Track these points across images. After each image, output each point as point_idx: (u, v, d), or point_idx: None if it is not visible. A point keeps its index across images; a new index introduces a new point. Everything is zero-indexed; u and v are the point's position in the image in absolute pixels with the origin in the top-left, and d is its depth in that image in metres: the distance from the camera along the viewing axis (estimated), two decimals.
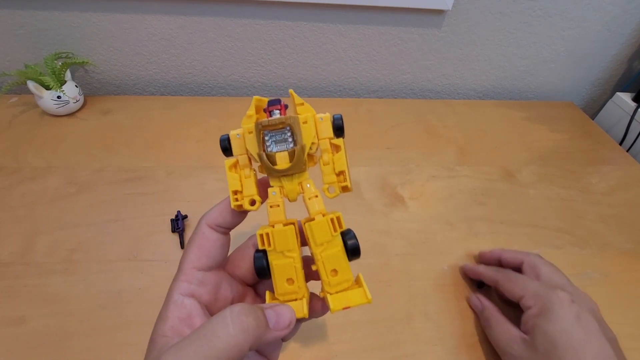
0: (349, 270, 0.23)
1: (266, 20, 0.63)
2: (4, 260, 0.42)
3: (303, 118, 0.23)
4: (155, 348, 0.20)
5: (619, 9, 0.65)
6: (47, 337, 0.36)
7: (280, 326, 0.20)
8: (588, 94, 0.80)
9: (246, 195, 0.23)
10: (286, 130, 0.22)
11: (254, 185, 0.23)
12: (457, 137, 0.64)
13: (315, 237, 0.22)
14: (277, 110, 0.23)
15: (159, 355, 0.19)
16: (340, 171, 0.23)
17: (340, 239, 0.23)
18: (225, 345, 0.18)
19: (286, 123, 0.22)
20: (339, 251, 0.22)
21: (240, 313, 0.19)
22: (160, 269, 0.42)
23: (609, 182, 0.58)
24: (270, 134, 0.22)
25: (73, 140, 0.58)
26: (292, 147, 0.22)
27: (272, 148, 0.22)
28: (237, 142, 0.23)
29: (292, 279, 0.22)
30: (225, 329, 0.18)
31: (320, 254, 0.22)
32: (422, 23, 0.65)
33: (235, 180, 0.23)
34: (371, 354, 0.37)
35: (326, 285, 0.22)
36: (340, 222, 0.23)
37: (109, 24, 0.62)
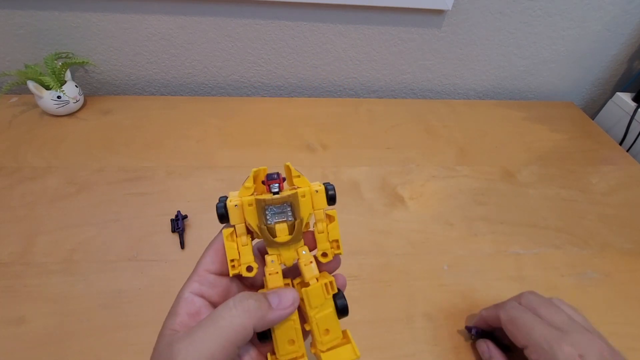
0: (339, 329, 0.25)
1: (266, 20, 0.63)
2: (4, 260, 0.42)
3: (302, 192, 0.24)
4: (164, 340, 0.21)
5: (619, 9, 0.65)
6: (47, 337, 0.36)
7: (283, 305, 0.22)
8: (588, 94, 0.80)
9: (243, 263, 0.24)
10: (286, 205, 0.24)
11: (250, 252, 0.24)
12: (457, 137, 0.64)
13: (311, 301, 0.24)
14: (276, 185, 0.24)
15: (170, 344, 0.20)
16: (334, 240, 0.25)
17: (332, 301, 0.24)
18: (229, 323, 0.20)
19: (288, 200, 0.24)
20: (331, 312, 0.24)
21: (242, 297, 0.21)
22: (160, 269, 0.42)
23: (609, 182, 0.58)
24: (270, 208, 0.24)
25: (73, 140, 0.58)
26: (292, 220, 0.24)
27: (272, 220, 0.24)
28: (235, 211, 0.24)
29: (293, 339, 0.24)
30: (228, 311, 0.21)
31: (315, 316, 0.24)
32: (422, 23, 0.65)
33: (233, 250, 0.24)
34: (371, 354, 0.37)
35: (319, 344, 0.24)
36: (333, 286, 0.24)
37: (109, 24, 0.62)
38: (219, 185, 0.52)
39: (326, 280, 0.24)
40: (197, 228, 0.47)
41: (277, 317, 0.22)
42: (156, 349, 0.21)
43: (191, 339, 0.20)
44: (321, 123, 0.64)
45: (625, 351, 0.35)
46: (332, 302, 0.24)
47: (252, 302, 0.21)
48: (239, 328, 0.20)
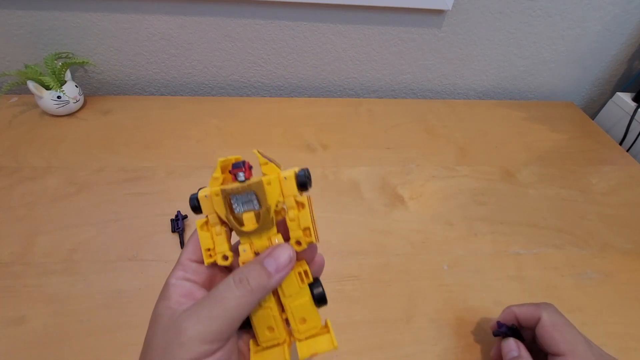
0: (317, 318, 0.24)
1: (266, 20, 0.63)
2: (4, 260, 0.42)
3: (267, 180, 0.23)
4: (162, 320, 0.21)
5: (619, 9, 0.65)
6: (47, 337, 0.36)
7: (281, 267, 0.22)
8: (588, 94, 0.80)
9: (218, 252, 0.24)
10: (251, 194, 0.23)
11: (225, 241, 0.24)
12: (457, 137, 0.64)
13: (284, 289, 0.24)
14: (241, 173, 0.23)
15: (176, 321, 0.21)
16: (305, 227, 0.24)
17: (308, 289, 0.24)
18: (235, 304, 0.21)
19: (250, 189, 0.23)
20: (307, 301, 0.24)
21: (241, 275, 0.22)
22: (160, 269, 0.42)
23: (609, 182, 0.58)
24: (236, 197, 0.23)
25: (73, 140, 0.58)
26: (258, 208, 0.23)
27: (239, 209, 0.23)
28: (205, 202, 0.24)
29: (272, 326, 0.24)
30: (231, 292, 0.21)
31: (290, 304, 0.24)
32: (422, 23, 0.65)
33: (207, 239, 0.24)
34: (371, 354, 0.37)
35: (295, 333, 0.24)
36: (307, 274, 0.24)
37: (109, 24, 0.62)
38: None
39: (300, 268, 0.24)
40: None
41: (278, 281, 0.23)
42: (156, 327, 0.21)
43: (198, 318, 0.20)
44: (321, 123, 0.64)
45: (625, 351, 0.35)
46: (307, 291, 0.24)
47: (253, 279, 0.22)
48: (244, 305, 0.21)
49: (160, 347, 0.21)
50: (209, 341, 0.20)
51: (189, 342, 0.20)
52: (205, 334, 0.20)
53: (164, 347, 0.20)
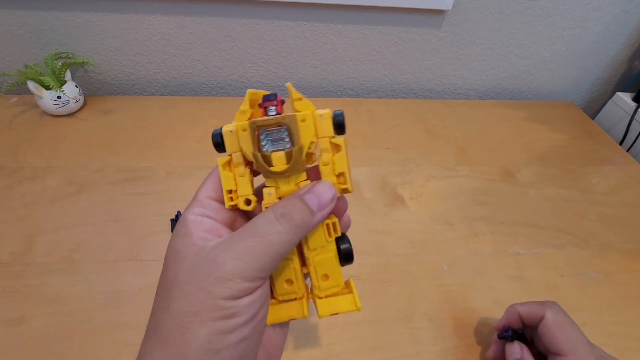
0: (340, 276, 0.22)
1: (266, 20, 0.63)
2: (4, 260, 0.42)
3: (301, 116, 0.21)
4: (187, 256, 0.19)
5: (619, 9, 0.65)
6: (47, 337, 0.36)
7: (323, 205, 0.21)
8: (588, 94, 0.80)
9: (241, 195, 0.22)
10: (283, 130, 0.21)
11: (249, 184, 0.22)
12: (457, 137, 0.64)
13: (309, 241, 0.22)
14: (273, 107, 0.21)
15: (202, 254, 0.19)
16: (340, 172, 0.22)
17: (334, 244, 0.22)
18: (278, 240, 0.19)
19: (283, 123, 0.21)
20: (332, 257, 0.22)
21: (282, 209, 0.20)
22: (160, 269, 0.42)
23: (609, 182, 0.58)
24: (265, 133, 0.21)
25: (73, 140, 0.58)
26: (290, 147, 0.21)
27: (268, 147, 0.21)
28: (230, 138, 0.22)
29: (291, 279, 0.22)
30: (274, 227, 0.19)
31: (313, 258, 0.22)
32: (422, 23, 0.65)
33: (229, 179, 0.22)
34: (371, 354, 0.37)
35: (316, 289, 0.22)
36: (335, 228, 0.22)
37: (109, 24, 0.62)
38: None
39: (329, 220, 0.22)
40: None
41: (321, 219, 0.21)
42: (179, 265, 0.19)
43: (237, 252, 0.19)
44: None
45: (625, 351, 0.35)
46: (334, 246, 0.22)
47: (297, 214, 0.20)
48: (287, 242, 0.19)
49: (190, 284, 0.18)
50: (250, 278, 0.18)
51: (229, 277, 0.18)
52: (248, 271, 0.18)
53: (195, 284, 0.18)
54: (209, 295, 0.18)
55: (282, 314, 0.22)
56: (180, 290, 0.18)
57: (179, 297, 0.18)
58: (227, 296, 0.18)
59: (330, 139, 0.22)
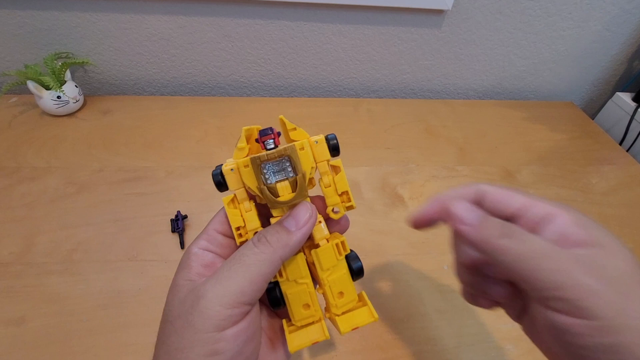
0: (354, 291, 0.23)
1: (266, 20, 0.63)
2: (4, 260, 0.42)
3: (300, 144, 0.22)
4: (181, 290, 0.20)
5: (619, 9, 0.65)
6: (47, 337, 0.36)
7: (300, 224, 0.21)
8: (588, 94, 0.80)
9: (250, 230, 0.22)
10: (284, 160, 0.22)
11: (256, 217, 0.23)
12: (457, 137, 0.64)
13: (322, 263, 0.23)
14: (270, 140, 0.22)
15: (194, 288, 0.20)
16: (343, 191, 0.23)
17: (345, 262, 0.23)
18: (255, 260, 0.20)
19: (285, 154, 0.22)
20: (345, 274, 0.23)
21: (259, 236, 0.21)
22: (160, 269, 0.42)
23: (609, 182, 0.57)
24: (268, 166, 0.22)
25: (73, 140, 0.58)
26: (293, 175, 0.22)
27: (272, 179, 0.22)
28: (232, 176, 0.22)
29: (308, 303, 0.23)
30: (251, 249, 0.20)
31: (327, 278, 0.23)
32: (422, 23, 0.65)
33: (236, 217, 0.22)
34: (371, 354, 0.37)
35: (333, 308, 0.23)
36: (344, 246, 0.23)
37: (109, 24, 0.62)
38: None
39: (337, 240, 0.23)
40: (197, 228, 0.47)
41: (300, 239, 0.21)
42: (174, 298, 0.20)
43: (217, 279, 0.19)
44: (321, 123, 0.64)
45: None
46: (344, 263, 0.23)
47: (272, 236, 0.21)
48: (265, 263, 0.20)
49: (180, 318, 0.19)
50: (230, 304, 0.19)
51: (209, 306, 0.18)
52: (225, 295, 0.19)
53: (183, 318, 0.19)
54: (193, 329, 0.18)
55: (303, 339, 0.23)
56: (172, 325, 0.19)
57: (170, 332, 0.19)
58: (209, 329, 0.18)
59: (328, 162, 0.23)
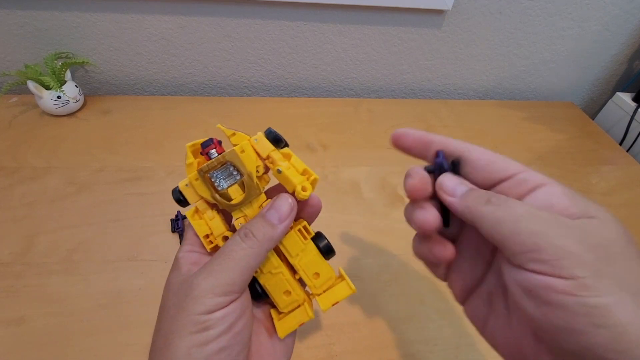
0: (329, 269, 0.24)
1: (266, 20, 0.63)
2: (4, 260, 0.42)
3: (239, 148, 0.23)
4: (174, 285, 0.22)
5: (619, 9, 0.65)
6: (47, 337, 0.36)
7: (283, 217, 0.23)
8: (588, 94, 0.80)
9: (217, 235, 0.24)
10: (228, 165, 0.23)
11: (221, 222, 0.24)
12: (457, 137, 0.63)
13: (289, 250, 0.24)
14: (213, 150, 0.23)
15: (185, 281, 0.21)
16: (302, 170, 0.24)
17: (312, 244, 0.24)
18: (243, 255, 0.21)
19: (225, 160, 0.23)
20: (315, 255, 0.24)
21: (245, 230, 0.22)
22: (160, 269, 0.42)
23: (609, 182, 0.57)
24: (215, 174, 0.23)
25: (73, 140, 0.58)
26: (240, 178, 0.23)
27: (222, 185, 0.23)
28: (188, 191, 0.24)
29: (288, 290, 0.24)
30: (239, 245, 0.22)
31: (298, 263, 0.24)
32: (422, 23, 0.65)
33: (202, 226, 0.24)
34: (371, 354, 0.37)
35: (312, 289, 0.24)
36: (307, 230, 0.24)
37: (109, 24, 0.62)
38: None
39: (299, 225, 0.24)
40: None
41: (284, 231, 0.23)
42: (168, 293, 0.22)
43: (208, 272, 0.21)
44: (321, 123, 0.64)
45: None
46: (312, 246, 0.24)
47: (257, 231, 0.22)
48: (253, 256, 0.22)
49: (174, 307, 0.21)
50: (221, 293, 0.20)
51: (201, 294, 0.20)
52: (218, 287, 0.20)
53: (177, 305, 0.21)
54: (186, 312, 0.20)
55: (290, 323, 0.24)
56: (167, 313, 0.21)
57: (165, 319, 0.21)
58: (201, 312, 0.20)
59: (277, 151, 0.24)
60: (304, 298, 0.24)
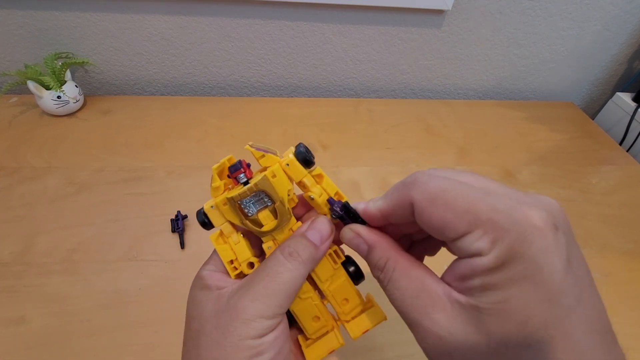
0: (358, 295, 0.23)
1: (266, 20, 0.63)
2: (4, 260, 0.42)
3: (271, 172, 0.22)
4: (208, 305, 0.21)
5: (619, 9, 0.65)
6: (47, 337, 0.36)
7: (325, 238, 0.22)
8: (588, 94, 0.79)
9: (242, 261, 0.23)
10: (260, 192, 0.22)
11: (246, 247, 0.23)
12: (457, 137, 0.64)
13: (319, 275, 0.23)
14: (242, 175, 0.22)
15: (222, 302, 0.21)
16: (335, 192, 0.24)
17: (342, 269, 0.23)
18: (289, 278, 0.21)
19: (257, 189, 0.22)
20: (345, 281, 0.23)
21: (288, 249, 0.21)
22: (160, 269, 0.42)
23: (609, 182, 0.57)
24: (245, 201, 0.22)
25: (73, 140, 0.58)
26: (271, 204, 0.22)
27: (252, 210, 0.22)
28: (214, 214, 0.23)
29: (317, 315, 0.23)
30: (283, 266, 0.21)
31: (328, 288, 0.23)
32: (422, 23, 0.65)
33: (226, 251, 0.23)
34: (371, 354, 0.37)
35: (341, 315, 0.23)
36: (339, 254, 0.23)
37: (109, 24, 0.62)
38: None
39: (330, 250, 0.23)
40: (197, 228, 0.47)
41: (325, 252, 0.22)
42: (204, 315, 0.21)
43: (254, 295, 0.20)
44: (321, 123, 0.64)
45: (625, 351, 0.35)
46: (342, 270, 0.23)
47: (302, 251, 0.21)
48: (298, 278, 0.21)
49: (217, 330, 0.20)
50: (270, 316, 0.20)
51: (251, 318, 0.19)
52: (267, 310, 0.20)
53: (222, 329, 0.20)
54: (237, 337, 0.19)
55: (320, 350, 0.23)
56: (209, 337, 0.20)
57: (208, 344, 0.20)
58: (253, 336, 0.19)
59: (309, 176, 0.23)
60: (333, 324, 0.24)
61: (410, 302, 0.20)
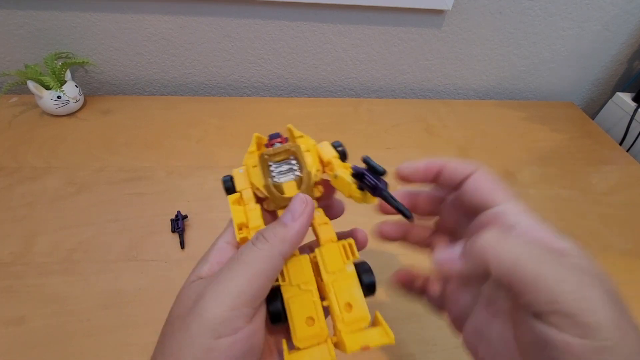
0: (365, 307, 0.20)
1: (266, 20, 0.63)
2: (4, 260, 0.42)
3: (305, 147, 0.23)
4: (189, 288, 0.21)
5: (619, 9, 0.65)
6: (47, 337, 0.36)
7: (297, 215, 0.21)
8: (588, 94, 0.79)
9: (252, 228, 0.21)
10: (291, 160, 0.23)
11: (260, 217, 0.22)
12: (457, 137, 0.64)
13: (326, 263, 0.21)
14: (278, 143, 0.23)
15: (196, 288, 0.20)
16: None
17: (355, 271, 0.21)
18: (252, 258, 0.19)
19: (290, 151, 0.22)
20: (353, 283, 0.21)
21: (258, 234, 0.21)
22: (160, 269, 0.42)
23: (609, 182, 0.57)
24: (275, 165, 0.22)
25: (73, 140, 0.58)
26: (299, 175, 0.22)
27: (279, 179, 0.22)
28: (240, 177, 0.23)
29: (312, 317, 0.20)
30: (249, 248, 0.20)
31: (332, 283, 0.20)
32: (422, 23, 0.65)
33: (240, 213, 0.22)
34: (371, 354, 0.37)
35: (339, 323, 0.20)
36: (352, 250, 0.21)
37: (109, 24, 0.62)
38: (219, 185, 0.52)
39: (345, 242, 0.21)
40: (197, 228, 0.47)
41: (298, 230, 0.20)
42: (178, 298, 0.21)
43: (217, 279, 0.19)
44: (321, 123, 0.64)
45: None
46: (354, 272, 0.21)
47: (268, 232, 0.20)
48: (265, 259, 0.19)
49: (178, 319, 0.19)
50: (227, 306, 0.18)
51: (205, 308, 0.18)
52: (223, 296, 0.18)
53: (181, 319, 0.19)
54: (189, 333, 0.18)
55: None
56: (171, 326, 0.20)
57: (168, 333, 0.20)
58: (204, 333, 0.18)
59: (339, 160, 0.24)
60: (327, 336, 0.20)
61: None
